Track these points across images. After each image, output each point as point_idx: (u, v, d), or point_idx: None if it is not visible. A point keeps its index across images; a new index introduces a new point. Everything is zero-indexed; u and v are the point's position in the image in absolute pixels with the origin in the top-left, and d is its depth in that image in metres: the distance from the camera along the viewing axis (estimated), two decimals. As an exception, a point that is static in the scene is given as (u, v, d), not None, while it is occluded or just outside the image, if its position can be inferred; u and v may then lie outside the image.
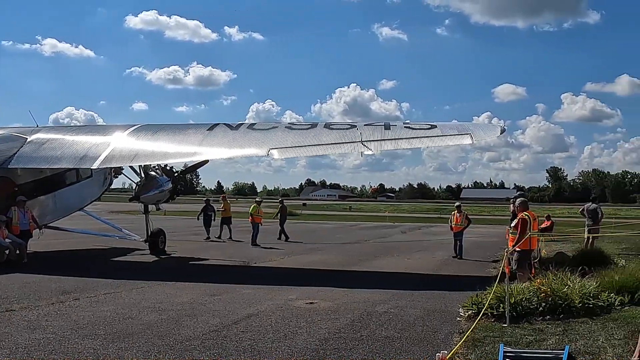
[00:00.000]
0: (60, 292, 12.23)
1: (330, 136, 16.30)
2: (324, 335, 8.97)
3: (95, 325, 9.35)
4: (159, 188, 20.72)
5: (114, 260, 19.56)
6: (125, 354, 7.67)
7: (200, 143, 17.21)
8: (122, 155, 17.69)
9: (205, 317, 10.19)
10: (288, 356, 7.81)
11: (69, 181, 20.47)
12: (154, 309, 10.74)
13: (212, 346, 8.21)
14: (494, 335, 8.63)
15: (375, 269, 15.49)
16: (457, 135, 15.94)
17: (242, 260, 19.45)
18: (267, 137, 16.80)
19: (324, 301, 11.79)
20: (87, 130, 20.81)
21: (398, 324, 9.81)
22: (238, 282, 14.22)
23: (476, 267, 18.57)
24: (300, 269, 18.11)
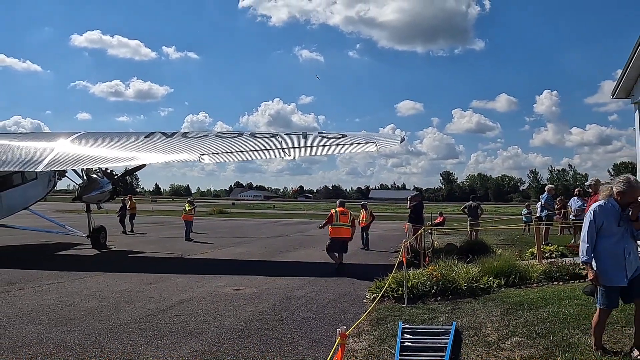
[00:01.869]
0: (6, 283, 11.71)
1: (255, 144, 16.27)
2: (248, 317, 8.94)
3: (39, 312, 9.01)
4: (100, 189, 20.17)
5: (58, 254, 18.82)
6: (68, 337, 7.42)
7: (138, 149, 16.83)
8: (65, 159, 17.07)
9: (142, 303, 9.97)
10: (217, 336, 7.75)
11: (14, 183, 19.58)
12: (95, 297, 10.44)
13: (148, 328, 8.06)
14: (394, 314, 8.83)
15: (294, 259, 15.54)
16: (364, 144, 16.21)
17: (176, 252, 19.13)
18: (199, 144, 16.61)
19: (248, 287, 11.75)
20: (33, 136, 20.01)
21: (313, 307, 9.89)
22: (172, 272, 13.99)
23: (380, 256, 18.88)
24: (228, 259, 17.94)
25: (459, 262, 11.46)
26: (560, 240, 19.75)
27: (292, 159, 15.76)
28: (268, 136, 16.76)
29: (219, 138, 17.02)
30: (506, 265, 10.78)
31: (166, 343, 7.30)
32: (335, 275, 13.83)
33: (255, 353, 6.95)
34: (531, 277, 10.71)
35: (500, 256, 11.52)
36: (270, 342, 7.48)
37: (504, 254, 11.87)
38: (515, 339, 7.02)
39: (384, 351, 6.87)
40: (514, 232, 28.44)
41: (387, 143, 17.03)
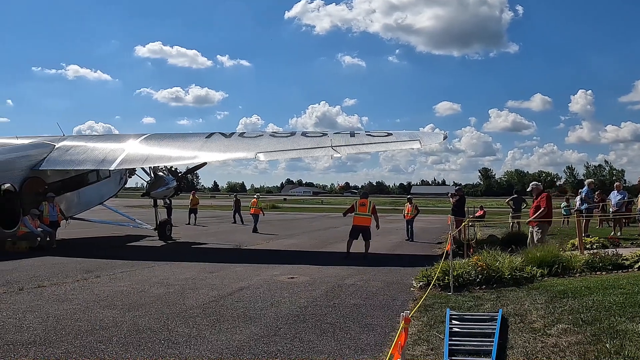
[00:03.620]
0: (84, 271, 11.96)
1: (307, 142, 16.23)
2: (303, 304, 8.87)
3: (114, 297, 9.14)
4: (166, 186, 20.50)
5: (129, 244, 19.24)
6: (140, 321, 7.49)
7: (199, 148, 17.04)
8: (135, 158, 17.44)
9: (205, 290, 10.02)
10: (274, 321, 7.70)
11: (90, 180, 20.11)
12: (163, 284, 10.55)
13: (212, 313, 8.07)
14: (441, 301, 8.61)
15: (343, 250, 15.40)
16: (409, 141, 15.95)
17: (235, 244, 19.26)
18: (255, 143, 16.68)
19: (302, 276, 11.69)
20: (106, 138, 20.50)
21: (363, 294, 9.75)
22: (231, 262, 14.03)
23: (424, 248, 18.59)
24: (281, 250, 17.97)
25: (502, 253, 11.11)
26: (600, 233, 19.04)
27: (342, 156, 15.66)
28: (319, 135, 16.68)
29: (273, 137, 17.04)
30: (549, 255, 10.36)
31: (228, 327, 7.28)
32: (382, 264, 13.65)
33: (310, 337, 6.87)
34: (574, 267, 10.27)
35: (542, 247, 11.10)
36: (324, 327, 7.39)
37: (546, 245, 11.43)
38: (562, 326, 6.71)
39: (433, 336, 6.69)
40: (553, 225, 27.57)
41: (430, 140, 16.74)
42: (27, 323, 7.21)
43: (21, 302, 8.59)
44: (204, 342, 6.53)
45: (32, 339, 6.46)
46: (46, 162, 17.52)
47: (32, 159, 17.47)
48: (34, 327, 6.99)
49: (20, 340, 6.39)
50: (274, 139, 16.81)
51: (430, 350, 6.18)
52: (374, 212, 15.12)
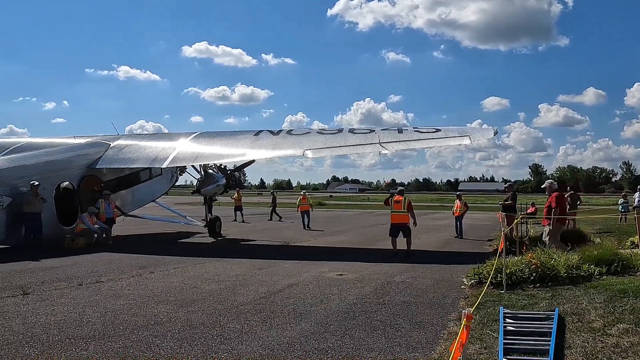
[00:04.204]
0: (139, 267, 12.26)
1: (354, 139, 16.16)
2: (352, 301, 8.83)
3: (167, 293, 9.33)
4: (216, 183, 20.73)
5: (180, 241, 19.61)
6: (192, 317, 7.62)
7: (248, 146, 17.19)
8: (186, 156, 17.75)
9: (255, 286, 10.11)
10: (324, 317, 7.69)
11: (143, 178, 20.59)
12: (214, 280, 10.70)
13: (262, 309, 8.13)
14: (494, 299, 8.42)
15: (391, 247, 15.24)
16: (458, 137, 15.65)
17: (283, 240, 19.36)
18: (302, 141, 16.70)
19: (350, 273, 11.65)
20: (157, 137, 20.92)
21: (413, 291, 9.64)
22: (280, 258, 14.12)
23: (474, 245, 18.24)
24: (329, 247, 17.94)
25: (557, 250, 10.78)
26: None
27: (389, 152, 15.52)
28: (366, 132, 16.58)
29: (320, 134, 17.02)
30: (607, 253, 9.98)
31: (279, 323, 7.32)
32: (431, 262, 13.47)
33: (360, 334, 6.83)
34: (634, 265, 9.87)
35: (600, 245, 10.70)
36: (375, 324, 7.34)
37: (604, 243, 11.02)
38: (623, 326, 6.46)
39: (486, 335, 6.54)
40: (609, 222, 26.64)
41: (480, 136, 16.38)
42: (87, 317, 7.43)
43: (81, 297, 8.87)
44: (255, 338, 6.58)
45: (91, 333, 6.65)
46: (102, 161, 18.04)
47: (89, 157, 18.03)
48: (93, 322, 7.20)
49: (80, 334, 6.59)
50: (322, 136, 16.79)
51: (484, 349, 6.05)
52: (409, 209, 14.83)
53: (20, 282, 10.02)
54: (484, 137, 16.73)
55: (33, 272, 11.24)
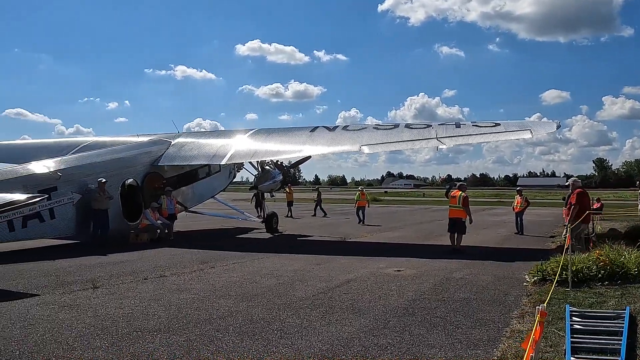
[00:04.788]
0: (200, 262, 12.51)
1: (410, 134, 15.95)
2: (411, 297, 8.76)
3: (228, 288, 9.49)
4: (273, 179, 20.93)
5: (239, 237, 19.92)
6: (253, 311, 7.72)
7: (304, 142, 17.27)
8: (244, 153, 18.01)
9: (313, 281, 10.16)
10: (383, 313, 7.66)
11: (203, 175, 21.01)
12: (272, 275, 10.82)
13: (321, 305, 8.16)
14: (559, 297, 8.16)
15: (449, 243, 15.00)
16: (519, 131, 15.18)
17: (340, 236, 19.38)
18: (358, 136, 16.64)
19: (408, 269, 11.54)
20: (216, 134, 21.28)
21: (473, 288, 9.46)
22: (337, 254, 14.12)
23: (535, 241, 17.74)
24: (386, 242, 17.83)
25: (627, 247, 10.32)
26: None
27: (447, 147, 15.26)
28: (422, 127, 16.34)
29: (376, 130, 16.91)
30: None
31: (338, 319, 7.32)
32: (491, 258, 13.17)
33: (420, 331, 6.75)
34: None
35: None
36: (434, 320, 7.25)
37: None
38: (699, 327, 6.13)
39: (551, 333, 6.34)
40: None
41: (541, 129, 15.84)
42: (152, 311, 7.65)
43: (146, 291, 9.14)
44: (314, 333, 6.60)
45: (157, 326, 6.84)
46: (164, 158, 18.52)
47: (151, 155, 18.56)
48: (158, 315, 7.40)
49: (147, 327, 6.79)
50: (378, 132, 16.67)
51: (550, 347, 5.87)
52: (465, 205, 14.51)
53: (90, 276, 10.42)
54: (546, 131, 16.17)
55: (101, 267, 11.67)
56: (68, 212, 14.95)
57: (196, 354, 5.77)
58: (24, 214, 13.27)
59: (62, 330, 6.57)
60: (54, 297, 8.54)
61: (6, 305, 7.82)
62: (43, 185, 14.24)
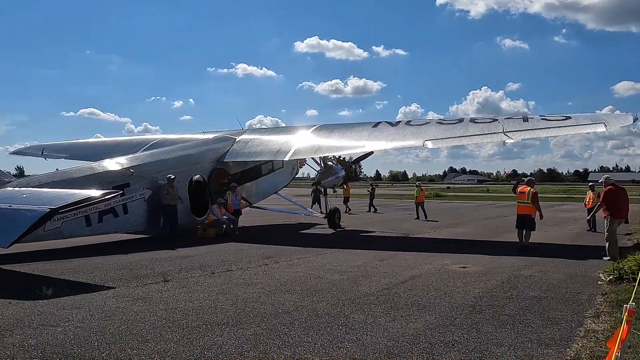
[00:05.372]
0: (265, 257, 12.67)
1: (476, 128, 15.57)
2: (478, 294, 8.56)
3: (293, 282, 9.56)
4: (335, 175, 20.92)
5: (302, 232, 20.07)
6: (318, 306, 7.75)
7: (367, 138, 17.17)
8: (307, 149, 18.09)
9: (377, 277, 10.10)
10: (449, 310, 7.52)
11: (266, 171, 21.29)
12: (336, 271, 10.83)
13: (385, 301, 8.10)
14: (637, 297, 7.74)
15: (516, 240, 14.55)
16: (592, 124, 14.48)
17: (402, 232, 19.20)
18: (422, 131, 16.38)
19: (474, 266, 11.29)
20: (279, 130, 21.49)
21: (543, 286, 9.15)
22: (400, 250, 14.00)
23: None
24: (450, 239, 17.51)
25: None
26: None
27: (514, 141, 14.77)
28: (488, 121, 15.90)
29: (440, 125, 16.60)
30: None
31: (403, 315, 7.25)
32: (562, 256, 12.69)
33: (488, 328, 6.59)
34: None
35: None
36: (503, 318, 7.05)
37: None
38: None
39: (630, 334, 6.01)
40: None
41: (616, 122, 15.02)
42: (220, 305, 7.80)
43: (214, 284, 9.34)
44: (379, 329, 6.56)
45: (224, 320, 6.98)
46: (229, 155, 18.90)
47: (217, 152, 18.97)
48: (226, 309, 7.54)
49: (215, 320, 6.94)
50: (442, 126, 16.36)
51: (628, 349, 5.57)
52: (534, 201, 13.99)
53: (161, 269, 10.75)
54: (621, 124, 15.31)
55: (171, 260, 12.02)
56: (140, 208, 15.51)
57: (263, 348, 5.83)
58: (99, 210, 13.86)
59: (136, 322, 6.81)
60: (128, 290, 8.86)
61: (85, 298, 8.18)
62: (117, 181, 14.83)
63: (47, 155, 26.34)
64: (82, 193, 11.56)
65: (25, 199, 10.97)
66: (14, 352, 5.56)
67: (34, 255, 12.04)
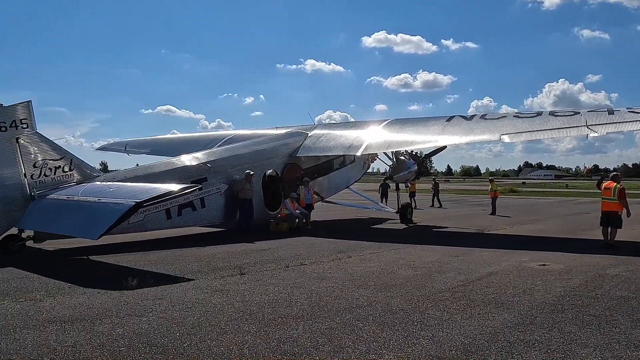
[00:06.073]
0: (337, 252, 12.68)
1: (556, 122, 14.87)
2: (560, 293, 8.21)
3: (366, 277, 9.52)
4: (408, 170, 20.70)
5: (374, 227, 19.97)
6: (392, 302, 7.67)
7: (440, 132, 16.81)
8: (379, 144, 17.94)
9: (452, 274, 9.88)
10: (529, 309, 7.26)
11: (338, 165, 21.32)
12: (409, 266, 10.69)
13: (461, 297, 7.93)
14: None
15: (599, 238, 13.84)
16: None
17: (477, 228, 18.72)
18: (498, 125, 15.84)
19: (555, 263, 10.84)
20: (350, 125, 21.43)
21: (631, 286, 8.67)
22: (475, 246, 13.63)
23: None
24: (527, 235, 16.87)
25: None
26: None
27: (599, 135, 14.01)
28: (569, 114, 15.14)
29: (517, 118, 15.97)
30: None
31: (480, 312, 7.06)
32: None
33: (571, 328, 6.32)
34: None
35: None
36: (587, 319, 6.74)
37: None
38: None
39: None
40: None
41: None
42: (295, 298, 7.87)
43: (288, 278, 9.45)
44: (455, 326, 6.42)
45: (300, 313, 7.04)
46: (302, 149, 19.06)
47: (290, 146, 19.17)
48: (300, 302, 7.61)
49: (290, 314, 7.01)
50: (519, 120, 15.72)
51: None
52: (620, 197, 13.17)
53: (237, 262, 10.99)
54: None
55: (246, 254, 12.26)
56: (217, 202, 15.92)
57: (338, 342, 5.83)
58: (179, 203, 14.34)
59: (215, 314, 6.98)
60: (207, 281, 9.11)
61: (167, 289, 8.48)
62: (195, 176, 15.29)
63: (129, 150, 27.55)
64: (163, 187, 11.99)
65: (112, 193, 11.48)
66: (103, 341, 5.83)
67: (118, 248, 12.62)
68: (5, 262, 10.66)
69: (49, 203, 11.91)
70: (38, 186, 12.14)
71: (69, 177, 12.76)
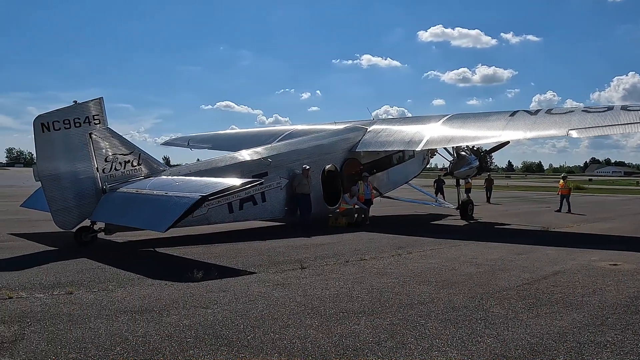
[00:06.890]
0: (397, 247, 12.58)
1: (629, 117, 14.17)
2: (633, 293, 7.87)
3: (427, 274, 9.40)
4: (469, 165, 20.33)
5: (433, 223, 19.70)
6: (454, 299, 7.55)
7: (503, 127, 16.35)
8: (439, 139, 17.64)
9: (516, 271, 9.63)
10: (599, 309, 6.98)
11: (397, 161, 21.13)
12: (472, 263, 10.49)
13: (527, 296, 7.70)
14: None
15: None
16: None
17: (541, 225, 18.14)
18: (565, 120, 15.25)
19: (627, 263, 10.38)
20: (409, 120, 21.22)
21: None
22: (539, 244, 13.21)
23: None
24: (596, 234, 16.24)
25: None
26: None
27: None
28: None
29: (586, 113, 15.31)
30: None
31: (547, 312, 6.84)
32: None
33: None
34: None
35: None
36: (663, 322, 6.40)
37: None
38: None
39: None
40: None
41: None
42: (356, 293, 7.86)
43: (348, 273, 9.43)
44: (521, 325, 6.25)
45: (361, 308, 7.01)
46: (361, 144, 19.01)
47: (349, 141, 19.15)
48: (361, 298, 7.58)
49: (352, 309, 6.99)
50: (588, 115, 15.07)
51: None
52: None
53: (298, 256, 11.08)
54: None
55: (306, 248, 12.34)
56: (277, 196, 16.10)
57: (400, 338, 5.78)
58: (240, 197, 14.58)
59: (277, 307, 7.05)
60: (268, 275, 9.22)
61: (230, 282, 8.63)
62: (256, 171, 15.52)
63: (192, 145, 28.28)
64: (226, 182, 12.22)
65: (178, 187, 11.78)
66: (171, 332, 5.99)
67: (182, 240, 12.97)
68: (79, 252, 11.14)
69: (119, 196, 12.33)
70: (109, 180, 12.60)
71: (137, 171, 13.18)
